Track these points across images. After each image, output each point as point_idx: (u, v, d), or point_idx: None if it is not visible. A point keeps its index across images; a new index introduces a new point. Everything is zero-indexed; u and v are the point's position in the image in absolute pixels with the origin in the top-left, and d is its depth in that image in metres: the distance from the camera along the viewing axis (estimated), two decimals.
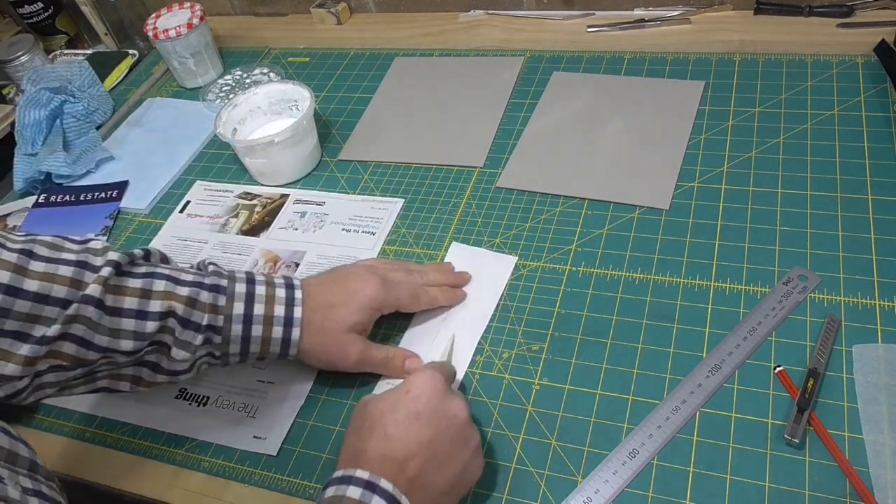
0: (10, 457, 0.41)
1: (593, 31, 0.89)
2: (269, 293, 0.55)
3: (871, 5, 0.80)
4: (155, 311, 0.51)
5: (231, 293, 0.54)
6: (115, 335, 0.50)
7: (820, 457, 0.49)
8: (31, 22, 1.13)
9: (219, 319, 0.53)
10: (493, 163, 0.77)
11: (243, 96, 0.83)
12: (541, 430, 0.54)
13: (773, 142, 0.71)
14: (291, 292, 0.56)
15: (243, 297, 0.54)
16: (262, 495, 0.55)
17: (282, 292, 0.55)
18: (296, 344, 0.55)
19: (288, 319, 0.55)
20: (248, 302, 0.54)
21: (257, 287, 0.55)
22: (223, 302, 0.53)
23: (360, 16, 1.04)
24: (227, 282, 0.54)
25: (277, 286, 0.56)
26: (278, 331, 0.55)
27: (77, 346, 0.49)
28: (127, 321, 0.50)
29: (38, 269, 0.48)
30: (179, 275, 0.53)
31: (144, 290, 0.51)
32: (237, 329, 0.53)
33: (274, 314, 0.54)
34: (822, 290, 0.58)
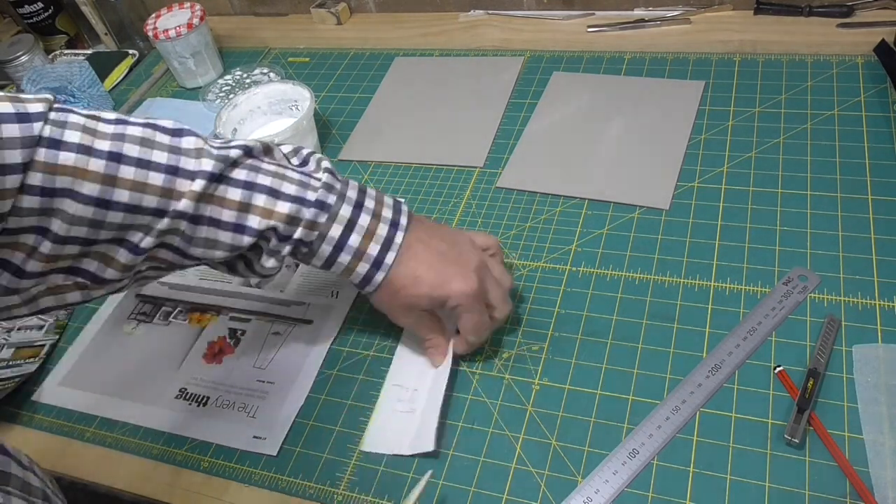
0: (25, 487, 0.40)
1: (593, 31, 0.89)
2: (370, 227, 0.53)
3: (871, 5, 0.80)
4: (253, 226, 0.49)
5: (335, 213, 0.52)
6: (210, 245, 0.49)
7: (820, 457, 0.49)
8: (31, 22, 1.13)
9: (312, 235, 0.51)
10: (493, 163, 0.77)
11: (243, 96, 0.83)
12: (541, 430, 0.54)
13: (773, 142, 0.71)
14: (394, 232, 0.54)
15: (345, 221, 0.52)
16: (262, 495, 0.55)
17: (384, 230, 0.53)
18: (376, 285, 0.54)
19: (378, 261, 0.53)
20: (347, 229, 0.52)
21: (362, 216, 0.53)
22: (323, 220, 0.51)
23: (360, 16, 1.04)
24: (336, 200, 0.52)
25: (382, 221, 0.54)
26: (364, 267, 0.53)
27: (173, 254, 0.49)
28: (224, 234, 0.49)
29: (128, 175, 0.45)
30: (281, 185, 0.50)
31: (243, 203, 0.49)
32: (326, 249, 0.52)
33: (367, 251, 0.53)
34: (822, 290, 0.58)
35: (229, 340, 0.66)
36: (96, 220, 0.45)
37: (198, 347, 0.66)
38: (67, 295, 0.48)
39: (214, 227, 0.49)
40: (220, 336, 0.67)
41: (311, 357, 0.63)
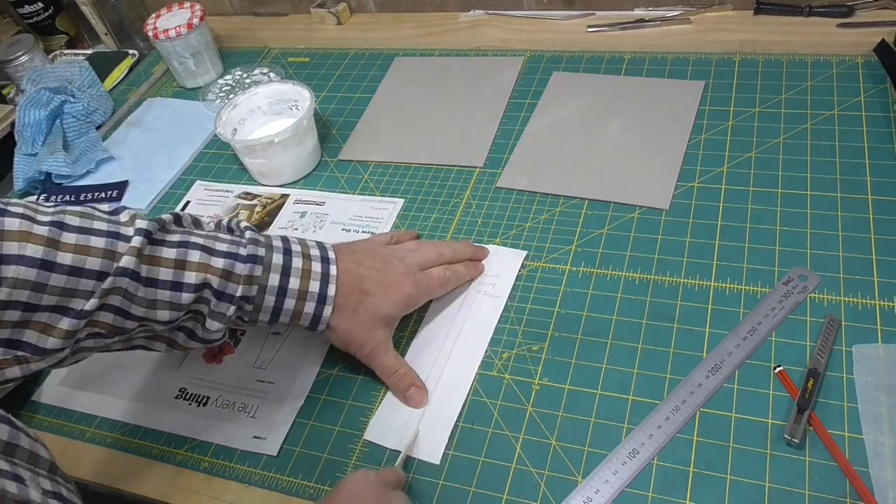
0: (32, 458, 0.40)
1: (593, 31, 0.89)
2: (305, 267, 0.54)
3: (871, 5, 0.80)
4: (190, 282, 0.50)
5: (268, 263, 0.53)
6: (151, 306, 0.50)
7: (820, 457, 0.49)
8: (31, 22, 1.13)
9: (252, 290, 0.53)
10: (493, 163, 0.77)
11: (243, 96, 0.83)
12: (541, 430, 0.54)
13: (773, 142, 0.71)
14: (327, 267, 0.55)
15: (279, 268, 0.53)
16: (262, 495, 0.55)
17: (318, 266, 0.55)
18: (325, 321, 0.55)
19: (322, 296, 0.55)
20: (284, 275, 0.53)
21: (294, 259, 0.54)
22: (259, 272, 0.53)
23: (360, 16, 1.04)
24: (265, 251, 0.54)
25: (314, 259, 0.55)
26: (311, 306, 0.55)
27: (115, 316, 0.49)
28: (163, 292, 0.50)
29: (71, 241, 0.47)
30: (214, 244, 0.52)
31: (179, 260, 0.50)
32: (270, 300, 0.53)
33: (308, 289, 0.54)
34: (822, 290, 0.58)
35: (229, 340, 0.66)
36: (39, 283, 0.45)
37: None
38: (6, 370, 0.47)
39: (153, 286, 0.50)
40: None
41: (311, 357, 0.63)
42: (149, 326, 0.51)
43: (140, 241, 0.49)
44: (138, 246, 0.49)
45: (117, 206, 0.53)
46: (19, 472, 0.38)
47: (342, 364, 0.62)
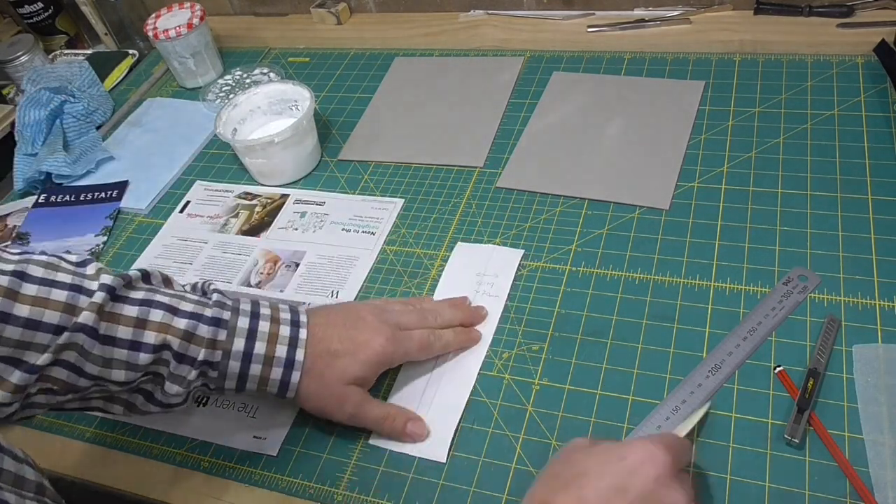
0: (18, 481, 0.40)
1: (593, 31, 0.89)
2: (272, 331, 0.52)
3: (871, 5, 0.80)
4: (149, 342, 0.49)
5: (233, 327, 0.51)
6: (107, 364, 0.48)
7: (820, 457, 0.49)
8: (31, 22, 1.13)
9: (216, 355, 0.51)
10: (493, 163, 0.77)
11: (243, 96, 0.83)
12: (541, 430, 0.54)
13: (773, 142, 0.71)
14: (296, 331, 0.53)
15: (245, 333, 0.51)
16: (262, 495, 0.55)
17: (286, 331, 0.52)
18: (294, 388, 0.53)
19: (289, 361, 0.52)
20: (250, 339, 0.51)
21: (261, 323, 0.52)
22: (223, 337, 0.51)
23: (360, 16, 1.04)
24: (230, 314, 0.52)
25: (282, 323, 0.53)
26: (278, 372, 0.52)
27: (68, 373, 0.47)
28: (119, 351, 0.48)
29: (31, 292, 0.46)
30: (178, 303, 0.51)
31: (140, 319, 0.49)
32: (234, 366, 0.51)
33: (275, 355, 0.52)
34: (822, 289, 0.58)
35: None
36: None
37: None
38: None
39: (110, 344, 0.48)
40: None
41: None
42: (104, 386, 0.49)
43: (102, 297, 0.48)
44: (100, 302, 0.47)
45: (86, 258, 0.51)
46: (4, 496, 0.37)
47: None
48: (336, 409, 0.54)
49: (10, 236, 0.83)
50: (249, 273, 0.72)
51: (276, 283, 0.70)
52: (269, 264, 0.72)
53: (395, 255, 0.70)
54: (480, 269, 0.66)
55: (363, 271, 0.69)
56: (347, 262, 0.70)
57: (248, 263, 0.73)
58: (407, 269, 0.68)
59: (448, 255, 0.68)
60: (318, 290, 0.68)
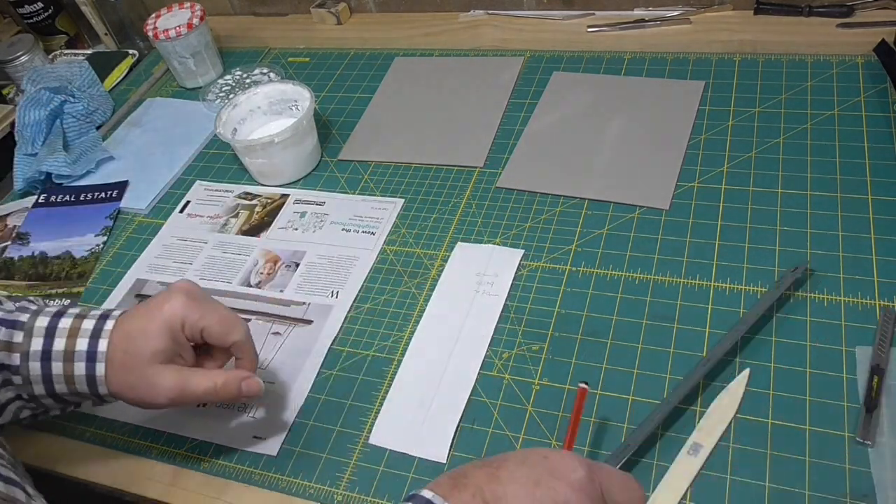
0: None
1: (593, 31, 0.89)
2: (74, 325, 0.48)
3: (871, 5, 0.80)
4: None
5: (30, 328, 0.48)
6: None
7: (820, 456, 0.49)
8: (31, 22, 1.13)
9: (14, 358, 0.48)
10: (493, 163, 0.77)
11: (243, 96, 0.83)
12: (541, 430, 0.54)
13: (773, 142, 0.71)
14: (102, 323, 0.49)
15: (43, 331, 0.48)
16: (262, 495, 0.55)
17: (90, 324, 0.49)
18: (102, 382, 0.49)
19: (91, 354, 0.48)
20: (48, 336, 0.48)
21: (62, 320, 0.49)
22: (20, 339, 0.48)
23: (360, 16, 1.04)
24: (29, 316, 0.49)
25: (88, 318, 0.49)
26: (80, 367, 0.48)
27: None
28: None
29: None
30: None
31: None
32: (35, 367, 0.48)
33: (76, 349, 0.48)
34: (822, 289, 0.58)
35: None
36: None
37: None
38: None
39: None
40: None
41: (311, 357, 0.63)
42: None
43: None
44: None
45: None
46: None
47: (342, 364, 0.62)
48: (152, 396, 0.49)
49: (10, 236, 0.83)
50: (249, 273, 0.72)
51: (276, 283, 0.70)
52: (269, 264, 0.72)
53: (396, 255, 0.70)
54: (480, 269, 0.66)
55: (363, 271, 0.69)
56: (347, 261, 0.70)
57: (248, 263, 0.73)
58: (407, 269, 0.68)
59: (448, 255, 0.68)
60: (318, 290, 0.68)
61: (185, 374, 0.50)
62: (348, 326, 0.65)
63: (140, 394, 0.49)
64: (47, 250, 0.80)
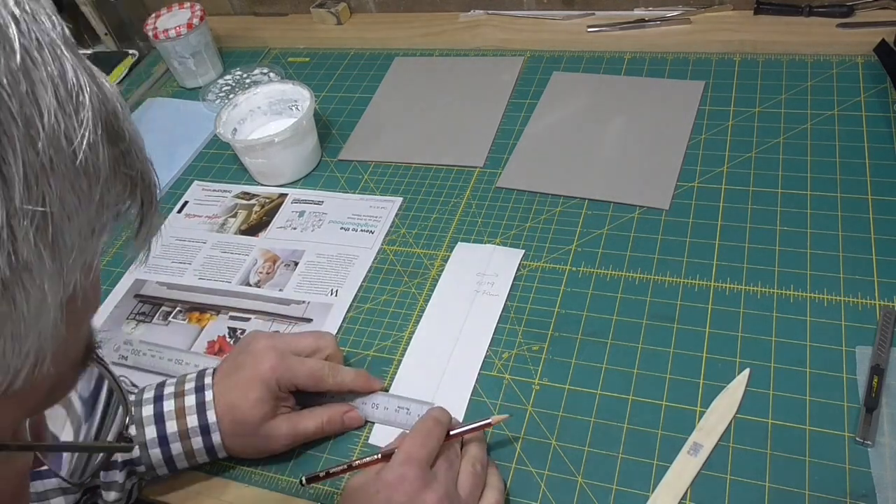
0: None
1: (593, 31, 0.89)
2: (178, 406, 0.52)
3: (871, 5, 0.80)
4: None
5: (139, 420, 0.51)
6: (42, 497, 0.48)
7: (820, 456, 0.49)
8: None
9: (134, 451, 0.51)
10: (493, 163, 0.77)
11: (243, 96, 0.83)
12: (541, 430, 0.54)
13: (773, 142, 0.71)
14: (202, 396, 0.53)
15: (152, 420, 0.51)
16: (262, 495, 0.55)
17: (192, 400, 0.52)
18: (221, 448, 0.53)
19: (204, 427, 0.52)
20: (159, 423, 0.51)
21: (165, 403, 0.52)
22: (133, 432, 0.51)
23: (360, 16, 1.04)
24: (134, 408, 0.52)
25: (187, 394, 0.53)
26: (198, 441, 0.52)
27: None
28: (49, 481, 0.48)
29: None
30: None
31: None
32: (156, 454, 0.51)
33: (188, 426, 0.52)
34: (822, 289, 0.58)
35: (229, 339, 0.66)
36: None
37: (197, 347, 0.66)
38: None
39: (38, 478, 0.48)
40: (220, 335, 0.66)
41: None
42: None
43: None
44: None
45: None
46: None
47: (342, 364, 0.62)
48: (273, 449, 0.55)
49: None
50: (249, 272, 0.72)
51: (275, 283, 0.70)
52: (269, 263, 0.72)
53: (396, 256, 0.70)
54: (481, 269, 0.66)
55: (362, 270, 0.69)
56: (347, 260, 0.70)
57: (247, 263, 0.73)
58: (407, 269, 0.68)
59: (448, 255, 0.68)
60: (317, 289, 0.68)
61: (293, 420, 0.55)
62: (348, 326, 0.65)
63: (259, 449, 0.54)
64: None
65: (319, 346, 0.57)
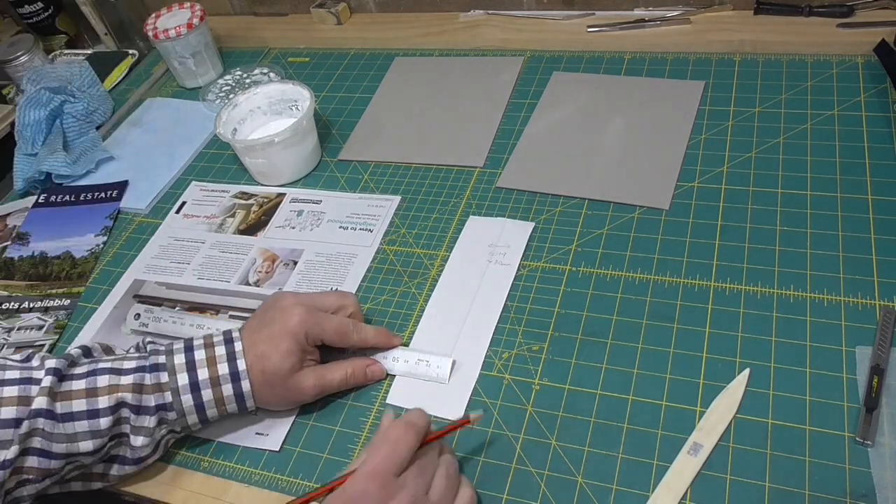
0: None
1: (593, 31, 0.89)
2: (209, 355, 0.54)
3: (871, 5, 0.80)
4: (105, 406, 0.51)
5: (171, 367, 0.53)
6: (72, 440, 0.51)
7: (820, 456, 0.49)
8: (31, 22, 1.13)
9: (166, 396, 0.53)
10: (493, 163, 0.77)
11: (243, 96, 0.83)
12: (541, 430, 0.54)
13: (773, 142, 0.71)
14: (231, 347, 0.55)
15: (184, 367, 0.53)
16: (262, 495, 0.55)
17: (221, 350, 0.55)
18: (250, 396, 0.55)
19: (234, 374, 0.54)
20: (191, 370, 0.53)
21: (196, 353, 0.54)
22: (166, 378, 0.53)
23: (360, 16, 1.04)
24: (166, 357, 0.54)
25: (217, 345, 0.55)
26: (228, 388, 0.54)
27: (39, 459, 0.50)
28: (80, 423, 0.51)
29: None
30: (121, 364, 0.53)
31: (89, 389, 0.52)
32: (188, 399, 0.53)
33: (219, 374, 0.54)
34: (822, 289, 0.58)
35: None
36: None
37: None
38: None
39: (69, 420, 0.51)
40: None
41: None
42: (76, 462, 0.52)
43: (50, 380, 0.51)
44: (49, 385, 0.50)
45: (29, 353, 0.55)
46: None
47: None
48: (299, 399, 0.57)
49: (10, 236, 0.83)
50: (248, 272, 0.72)
51: (274, 282, 0.70)
52: (268, 263, 0.72)
53: (396, 255, 0.70)
54: (492, 241, 0.68)
55: (361, 268, 0.69)
56: (346, 259, 0.70)
57: (246, 262, 0.73)
58: (407, 269, 0.68)
59: (448, 255, 0.68)
60: (316, 287, 0.68)
61: (320, 371, 0.57)
62: None
63: (287, 400, 0.57)
64: (47, 250, 0.80)
65: (343, 304, 0.60)
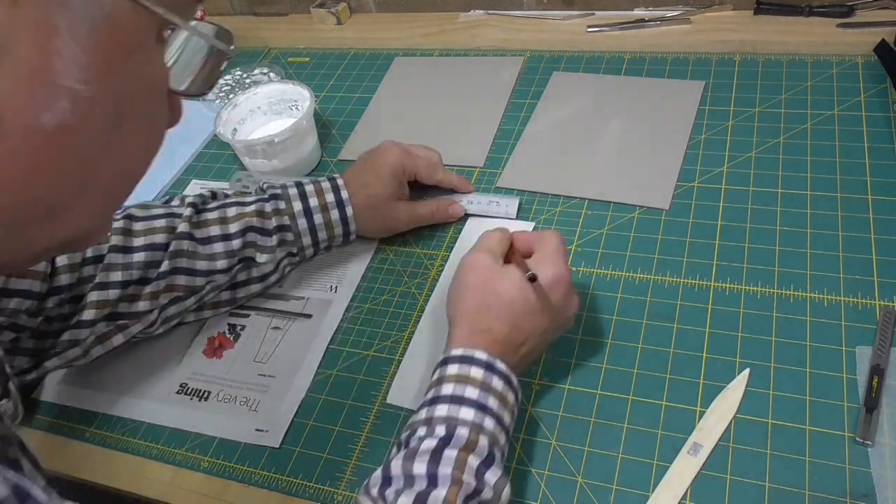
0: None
1: (593, 31, 0.89)
2: (317, 188, 0.65)
3: (871, 5, 0.80)
4: (235, 230, 0.62)
5: (287, 197, 0.64)
6: (211, 259, 0.61)
7: (820, 456, 0.49)
8: None
9: (285, 219, 0.63)
10: (493, 163, 0.77)
11: (243, 96, 0.83)
12: (541, 430, 0.54)
13: (773, 142, 0.71)
14: (335, 182, 0.65)
15: (297, 196, 0.64)
16: (262, 495, 0.55)
17: (327, 184, 0.65)
18: (353, 220, 0.66)
19: (339, 202, 0.65)
20: (303, 198, 0.64)
21: (306, 187, 0.65)
22: (284, 205, 0.63)
23: (360, 16, 1.04)
24: (282, 190, 0.64)
25: (322, 181, 0.65)
26: (335, 213, 0.65)
27: (186, 276, 0.61)
28: (217, 244, 0.62)
29: (140, 227, 0.60)
30: (244, 198, 0.64)
31: (221, 217, 0.62)
32: (302, 223, 0.64)
33: (327, 201, 0.65)
34: (822, 289, 0.58)
35: (229, 335, 0.66)
36: (126, 263, 0.59)
37: (198, 342, 0.66)
38: (112, 339, 0.60)
39: (207, 243, 0.62)
40: (220, 331, 0.67)
41: (312, 351, 0.63)
42: (213, 280, 0.62)
43: (189, 211, 0.62)
44: (188, 215, 0.62)
45: (168, 198, 0.65)
46: None
47: (342, 364, 0.62)
48: (393, 224, 0.69)
49: None
50: None
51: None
52: None
53: (395, 255, 0.70)
54: None
55: (361, 266, 0.69)
56: (345, 256, 0.70)
57: None
58: (407, 268, 0.68)
59: (448, 255, 0.68)
60: (316, 285, 0.68)
61: (412, 205, 0.70)
62: (348, 326, 0.65)
63: (384, 227, 0.69)
64: None
65: (429, 153, 0.71)
